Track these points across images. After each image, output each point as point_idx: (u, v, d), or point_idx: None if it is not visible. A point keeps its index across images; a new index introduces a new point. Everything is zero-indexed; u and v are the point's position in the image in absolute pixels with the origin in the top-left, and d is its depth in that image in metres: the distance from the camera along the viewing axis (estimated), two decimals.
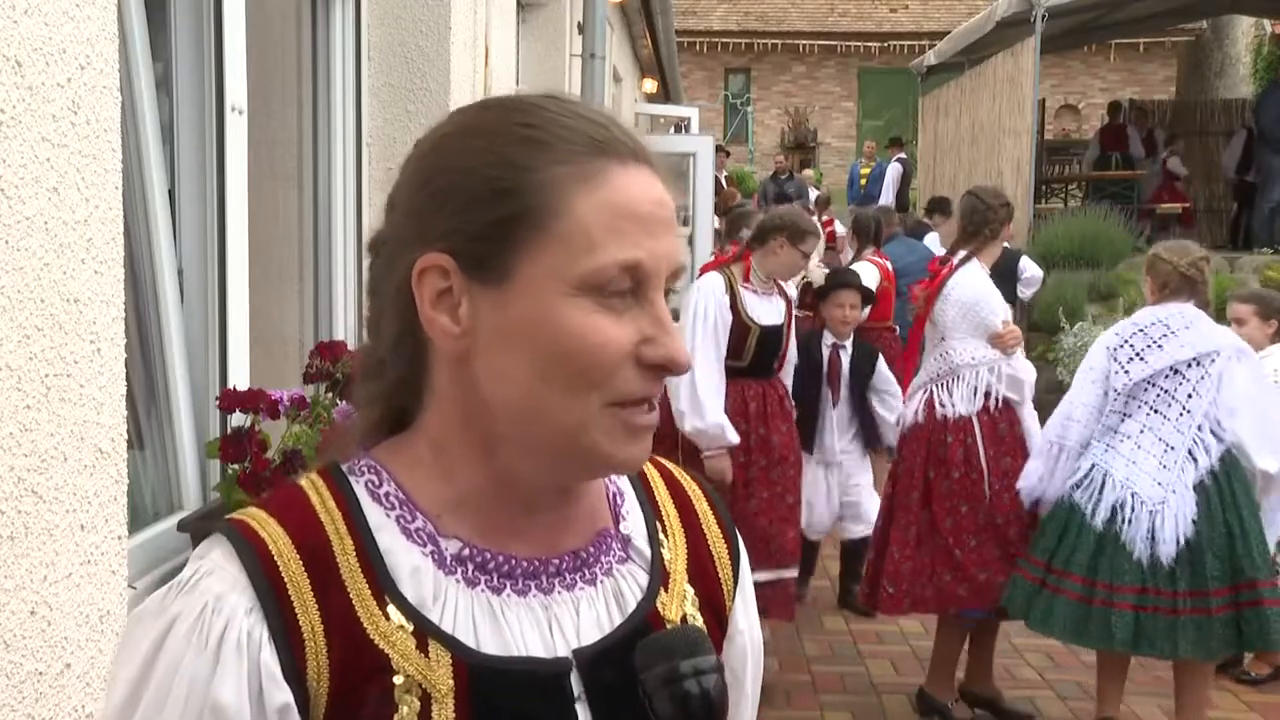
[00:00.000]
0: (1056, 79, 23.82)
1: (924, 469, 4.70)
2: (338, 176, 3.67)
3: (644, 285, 0.95)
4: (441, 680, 0.94)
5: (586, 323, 0.93)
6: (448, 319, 0.96)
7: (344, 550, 0.96)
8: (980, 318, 4.64)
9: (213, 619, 0.93)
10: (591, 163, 0.95)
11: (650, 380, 0.96)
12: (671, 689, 0.94)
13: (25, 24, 1.64)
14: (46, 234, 1.70)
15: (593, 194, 0.94)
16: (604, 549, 1.04)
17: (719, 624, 1.09)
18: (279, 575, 0.94)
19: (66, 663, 1.77)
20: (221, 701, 0.91)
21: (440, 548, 0.99)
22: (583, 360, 0.93)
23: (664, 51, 15.57)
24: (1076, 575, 4.15)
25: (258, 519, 0.98)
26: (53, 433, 1.73)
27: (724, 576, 1.11)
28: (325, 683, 0.93)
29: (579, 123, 0.97)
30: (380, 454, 1.03)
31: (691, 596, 1.07)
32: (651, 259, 0.95)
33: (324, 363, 2.56)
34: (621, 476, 1.10)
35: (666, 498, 1.12)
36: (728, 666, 1.10)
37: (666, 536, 1.09)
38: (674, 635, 1.00)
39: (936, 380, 4.71)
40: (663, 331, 0.95)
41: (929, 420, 4.70)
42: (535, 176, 0.94)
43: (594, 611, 1.01)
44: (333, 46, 3.69)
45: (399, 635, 0.95)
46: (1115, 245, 12.01)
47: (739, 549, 1.14)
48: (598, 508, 1.07)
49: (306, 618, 0.93)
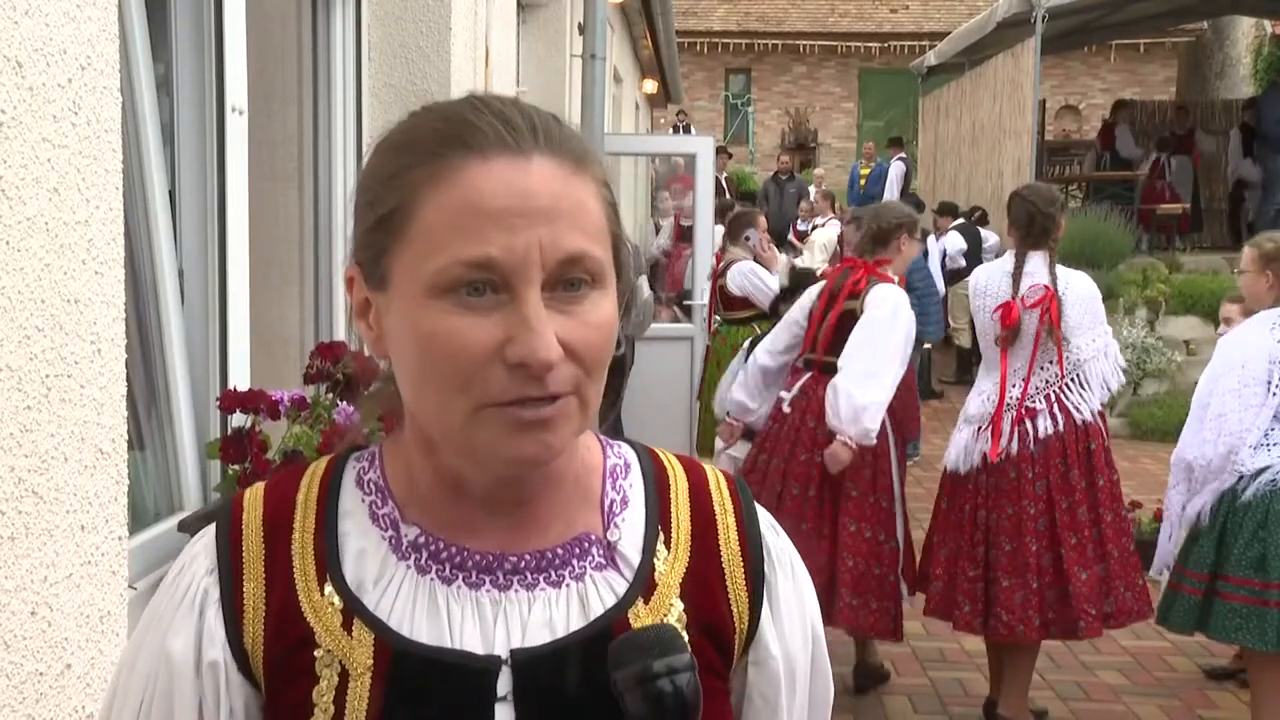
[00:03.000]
0: (1057, 80, 23.82)
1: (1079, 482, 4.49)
2: (338, 176, 3.68)
3: (511, 282, 0.91)
4: (360, 660, 0.97)
5: (442, 325, 0.92)
6: (365, 324, 1.01)
7: (303, 528, 1.03)
8: (1097, 307, 4.59)
9: (183, 575, 1.04)
10: (443, 161, 0.93)
11: (522, 380, 0.91)
12: (645, 688, 0.93)
13: (26, 25, 1.64)
14: (47, 234, 1.70)
15: (439, 193, 0.93)
16: (577, 553, 1.03)
17: (714, 644, 1.05)
18: (239, 544, 1.02)
19: (67, 663, 1.77)
20: (173, 650, 1.01)
21: (400, 533, 1.02)
22: (443, 364, 0.92)
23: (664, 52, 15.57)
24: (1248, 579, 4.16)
25: (253, 491, 1.06)
26: (53, 433, 1.73)
27: (734, 596, 1.07)
28: (261, 647, 1.00)
29: (447, 123, 0.96)
30: (386, 444, 1.07)
31: (679, 612, 1.03)
32: (507, 254, 0.90)
33: (324, 363, 2.56)
34: (634, 485, 1.08)
35: (684, 507, 1.08)
36: (758, 694, 1.09)
37: (668, 549, 1.06)
38: (647, 634, 0.98)
39: (1056, 387, 4.52)
40: (524, 329, 0.90)
41: (1069, 428, 4.48)
42: (396, 182, 0.95)
43: (548, 613, 1.00)
44: (333, 46, 3.69)
45: (328, 611, 0.99)
46: (1115, 245, 12.02)
47: (765, 568, 1.08)
48: (582, 512, 1.05)
49: (252, 585, 1.01)
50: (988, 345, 4.68)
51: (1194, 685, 5.22)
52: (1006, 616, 4.45)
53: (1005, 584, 4.47)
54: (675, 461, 1.12)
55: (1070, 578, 4.41)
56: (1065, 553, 4.43)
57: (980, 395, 4.65)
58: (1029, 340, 4.52)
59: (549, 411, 0.93)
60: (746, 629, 1.07)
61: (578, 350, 0.93)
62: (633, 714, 0.94)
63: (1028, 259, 4.55)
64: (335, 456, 1.08)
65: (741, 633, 1.07)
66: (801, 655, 1.11)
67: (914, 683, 5.12)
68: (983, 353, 4.79)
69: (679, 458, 1.13)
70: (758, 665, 1.08)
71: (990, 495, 4.55)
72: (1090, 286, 4.59)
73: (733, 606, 1.06)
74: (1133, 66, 24.75)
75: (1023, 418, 4.51)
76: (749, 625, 1.07)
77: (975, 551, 4.57)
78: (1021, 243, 4.59)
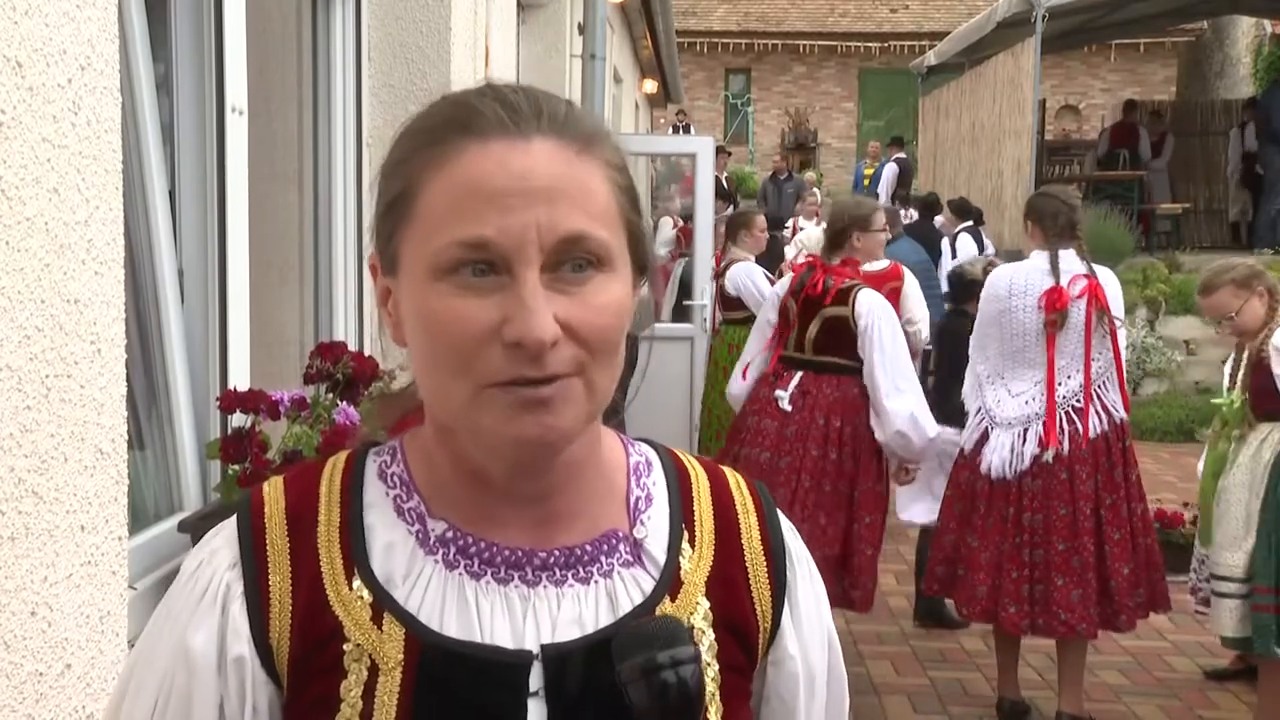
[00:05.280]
0: (1057, 79, 23.81)
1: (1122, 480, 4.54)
2: (338, 176, 3.67)
3: (509, 262, 0.92)
4: (390, 654, 0.97)
5: (443, 306, 0.93)
6: (387, 314, 1.02)
7: (329, 521, 1.02)
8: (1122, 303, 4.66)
9: (203, 569, 1.02)
10: (444, 144, 0.95)
11: (519, 360, 0.92)
12: (649, 679, 0.94)
13: (26, 25, 1.64)
14: (47, 235, 1.70)
15: (440, 175, 0.95)
16: (606, 550, 1.03)
17: (739, 642, 1.05)
18: (263, 537, 1.01)
19: (67, 663, 1.77)
20: (194, 646, 0.99)
21: (427, 528, 1.01)
22: (444, 344, 0.94)
23: (664, 52, 15.58)
24: None
25: (273, 484, 1.05)
26: (53, 433, 1.73)
27: (758, 595, 1.07)
28: (286, 642, 0.98)
29: (453, 108, 0.98)
30: (407, 437, 1.07)
31: (705, 610, 1.03)
32: (503, 235, 0.91)
33: (324, 363, 2.56)
34: (657, 483, 1.08)
35: (706, 507, 1.09)
36: (775, 694, 1.09)
37: (692, 547, 1.06)
38: (652, 626, 0.98)
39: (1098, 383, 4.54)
40: (519, 309, 0.91)
41: (1110, 425, 4.53)
42: (403, 167, 0.98)
43: (577, 609, 1.00)
44: (333, 46, 3.69)
45: (357, 605, 0.98)
46: (1115, 245, 12.02)
47: (786, 568, 1.09)
48: (608, 509, 1.05)
49: (278, 578, 1.00)
50: (1023, 346, 4.61)
51: (1194, 685, 5.22)
52: (1066, 615, 4.47)
53: (1059, 583, 4.49)
54: (694, 462, 1.13)
55: (1113, 573, 4.49)
56: (1109, 549, 4.50)
57: (1016, 398, 4.60)
58: (1076, 334, 4.52)
59: (548, 392, 0.93)
60: (770, 629, 1.08)
61: (579, 331, 0.93)
62: (637, 706, 0.94)
63: (1060, 255, 4.57)
64: (354, 450, 1.07)
65: (765, 632, 1.08)
66: (820, 659, 1.11)
67: (914, 683, 5.12)
68: (1010, 355, 4.66)
69: (697, 459, 1.14)
70: (777, 666, 1.09)
71: (1038, 497, 4.53)
72: (1117, 282, 4.67)
73: (756, 606, 1.07)
74: (1133, 66, 24.75)
75: (1072, 416, 4.52)
76: (771, 625, 1.08)
77: (1020, 554, 4.55)
78: (1054, 238, 4.60)
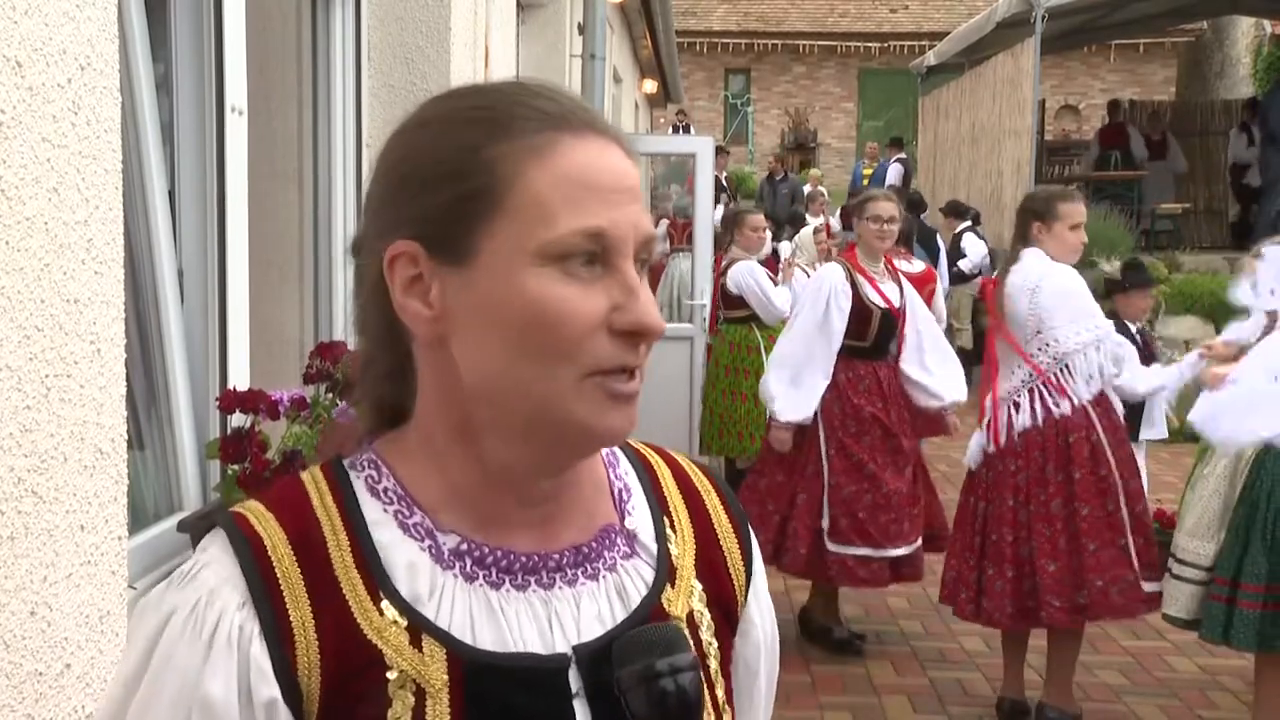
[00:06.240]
0: (1056, 80, 23.82)
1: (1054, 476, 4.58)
2: (338, 176, 3.67)
3: (611, 254, 0.95)
4: (436, 675, 0.94)
5: (552, 293, 0.93)
6: (419, 304, 0.97)
7: (339, 546, 0.97)
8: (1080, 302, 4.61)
9: (206, 612, 0.94)
10: (541, 135, 0.96)
11: (624, 348, 0.95)
12: (648, 687, 0.94)
13: (25, 24, 1.64)
14: (47, 234, 1.70)
15: (545, 165, 0.95)
16: (607, 544, 1.04)
17: (728, 620, 1.09)
18: (272, 571, 0.95)
19: (66, 663, 1.77)
20: (211, 695, 0.92)
21: (438, 542, 0.99)
22: (552, 331, 0.93)
23: (664, 52, 15.59)
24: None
25: (255, 513, 0.99)
26: (53, 433, 1.73)
27: (735, 572, 1.11)
28: (317, 678, 0.94)
29: (531, 99, 0.98)
30: (381, 448, 1.04)
31: (699, 592, 1.06)
32: (614, 227, 0.95)
33: (324, 363, 2.56)
34: (628, 473, 1.10)
35: (675, 493, 1.11)
36: (742, 661, 1.12)
37: (674, 532, 1.08)
38: (651, 633, 0.99)
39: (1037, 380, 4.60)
40: (632, 298, 0.95)
41: (1048, 422, 4.57)
42: (485, 154, 0.96)
43: (595, 606, 1.01)
44: (333, 46, 3.69)
45: (392, 630, 0.95)
46: (1115, 246, 12.01)
47: (750, 544, 1.14)
48: (599, 503, 1.06)
49: (298, 613, 0.94)
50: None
51: (1194, 685, 5.21)
52: (986, 604, 4.66)
53: (990, 572, 4.66)
54: (648, 449, 1.15)
55: (1039, 570, 4.54)
56: (1036, 544, 4.57)
57: None
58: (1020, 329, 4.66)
59: (635, 385, 0.97)
60: (743, 601, 1.12)
61: None
62: (636, 713, 0.95)
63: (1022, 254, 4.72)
64: (329, 466, 1.03)
65: (742, 605, 1.12)
66: (771, 622, 1.16)
67: (914, 683, 5.12)
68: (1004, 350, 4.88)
69: (646, 444, 1.16)
70: (744, 635, 1.12)
71: (992, 489, 4.71)
72: (1069, 281, 4.62)
73: (734, 580, 1.11)
74: (1132, 66, 24.76)
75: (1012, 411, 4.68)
76: (744, 598, 1.12)
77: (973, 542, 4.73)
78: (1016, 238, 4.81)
